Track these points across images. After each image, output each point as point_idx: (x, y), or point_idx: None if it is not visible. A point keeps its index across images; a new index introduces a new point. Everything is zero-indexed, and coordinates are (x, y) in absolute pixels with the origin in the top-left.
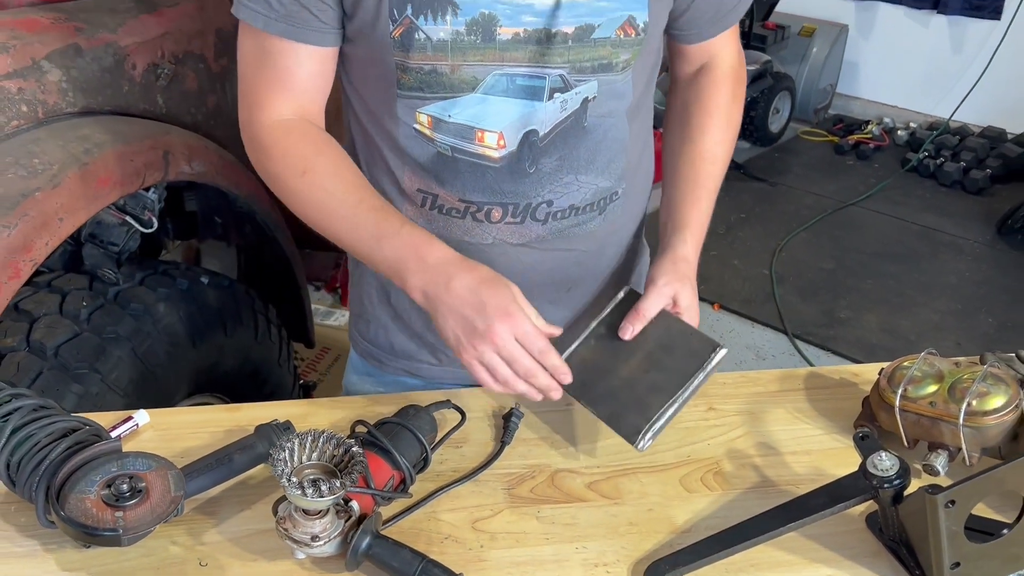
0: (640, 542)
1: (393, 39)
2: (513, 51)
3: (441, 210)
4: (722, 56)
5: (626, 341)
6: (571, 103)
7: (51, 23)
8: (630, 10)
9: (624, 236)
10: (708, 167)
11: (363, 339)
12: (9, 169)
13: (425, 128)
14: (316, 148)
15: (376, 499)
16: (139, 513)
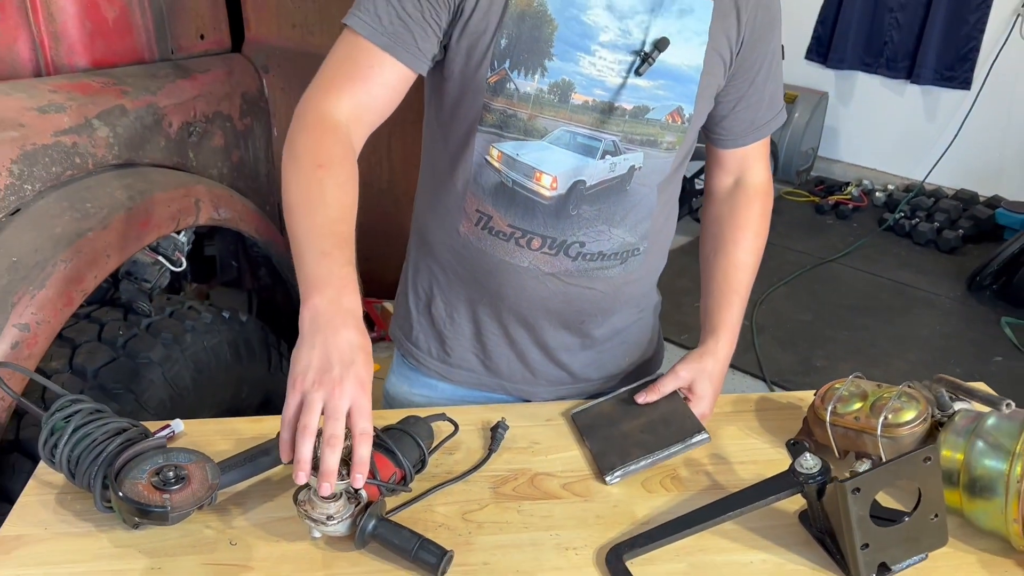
0: (605, 531)
1: (488, 83)
2: (580, 114)
3: (491, 231)
4: (754, 172)
5: (639, 406)
6: (619, 167)
7: (101, 87)
8: (680, 102)
9: (638, 287)
10: (739, 275)
11: (406, 340)
12: (66, 212)
13: (495, 161)
14: (342, 157)
15: (381, 490)
16: (183, 496)
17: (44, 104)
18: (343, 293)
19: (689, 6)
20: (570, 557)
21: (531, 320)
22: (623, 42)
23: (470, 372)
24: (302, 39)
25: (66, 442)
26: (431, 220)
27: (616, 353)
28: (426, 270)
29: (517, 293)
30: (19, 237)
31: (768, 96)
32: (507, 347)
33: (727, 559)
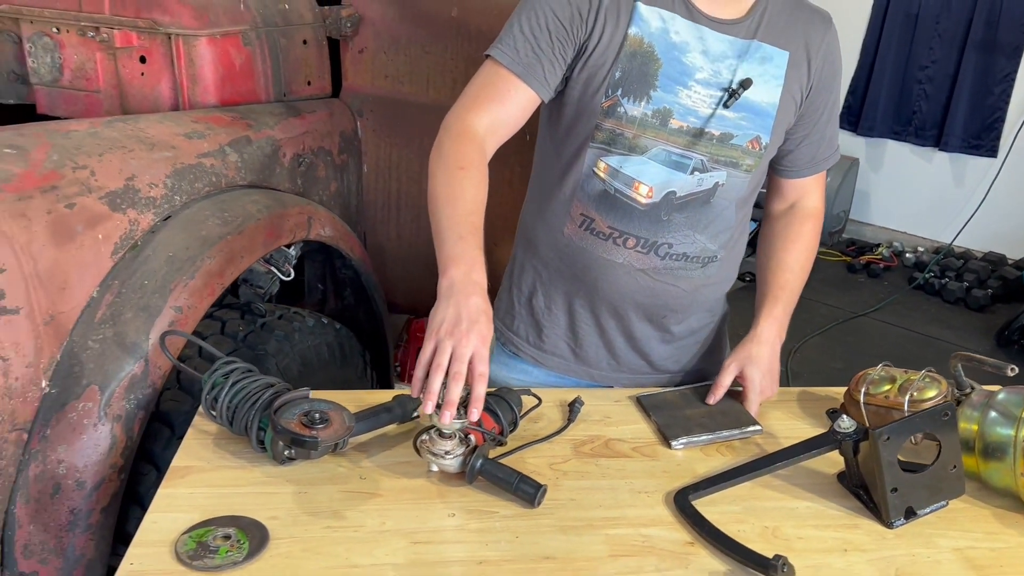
0: (671, 482)
1: (602, 107)
2: (676, 136)
3: (592, 231)
4: (810, 198)
5: (699, 398)
6: (705, 182)
7: (231, 120)
8: (759, 132)
9: (713, 292)
10: (786, 275)
11: (507, 329)
12: (209, 219)
13: (601, 172)
14: (479, 162)
15: (484, 438)
16: (327, 433)
17: (189, 131)
18: (473, 269)
19: (769, 55)
20: (643, 498)
21: (621, 311)
22: (715, 80)
23: (561, 359)
24: (393, 88)
25: (225, 394)
26: (539, 224)
27: (691, 351)
28: (531, 269)
29: (611, 286)
30: (173, 237)
31: (828, 136)
32: (597, 336)
33: (776, 505)
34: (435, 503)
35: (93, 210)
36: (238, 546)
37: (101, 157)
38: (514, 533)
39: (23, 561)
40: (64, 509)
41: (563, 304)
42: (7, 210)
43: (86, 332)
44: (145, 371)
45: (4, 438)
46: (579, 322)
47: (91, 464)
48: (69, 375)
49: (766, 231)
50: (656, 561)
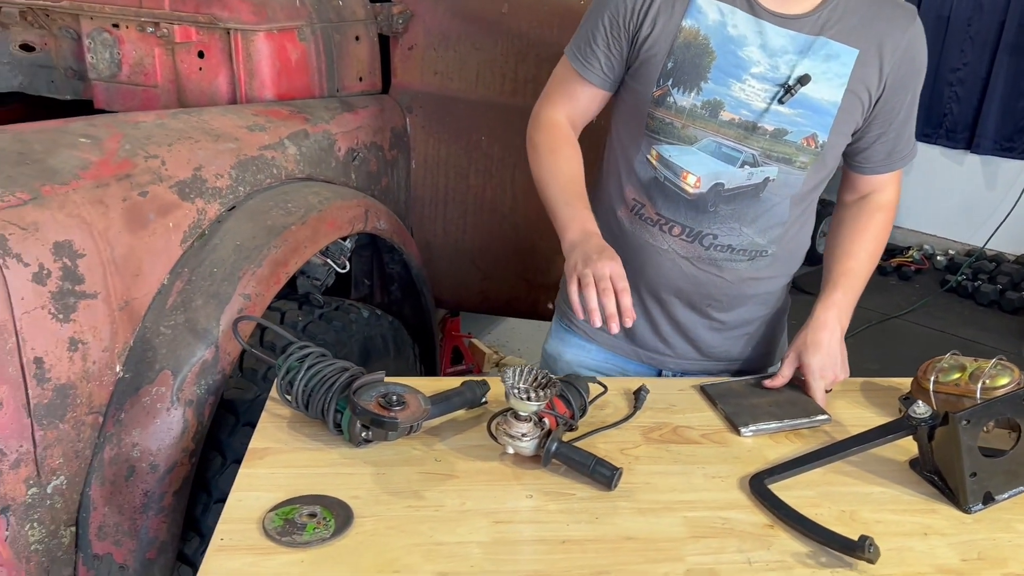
0: (744, 467)
1: (653, 97)
2: (727, 129)
3: (641, 216)
4: (885, 193)
5: (764, 387)
6: (756, 176)
7: (289, 113)
8: (815, 130)
9: (764, 286)
10: (850, 262)
11: (567, 306)
12: (272, 209)
13: (653, 160)
14: (566, 142)
15: (557, 421)
16: (405, 414)
17: (251, 124)
18: (586, 224)
19: (835, 52)
20: (717, 483)
21: (664, 296)
22: (771, 75)
23: (613, 338)
24: (442, 85)
25: (301, 377)
26: (598, 205)
27: (742, 342)
28: None
29: (655, 270)
30: (239, 227)
31: (906, 135)
32: (643, 318)
33: (851, 490)
34: (512, 484)
35: (164, 199)
36: (324, 523)
37: (170, 147)
38: (593, 514)
39: (97, 543)
40: (138, 491)
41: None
42: (87, 197)
43: (158, 318)
44: (216, 357)
45: (81, 420)
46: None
47: (164, 448)
48: (142, 360)
49: (835, 219)
50: (737, 542)
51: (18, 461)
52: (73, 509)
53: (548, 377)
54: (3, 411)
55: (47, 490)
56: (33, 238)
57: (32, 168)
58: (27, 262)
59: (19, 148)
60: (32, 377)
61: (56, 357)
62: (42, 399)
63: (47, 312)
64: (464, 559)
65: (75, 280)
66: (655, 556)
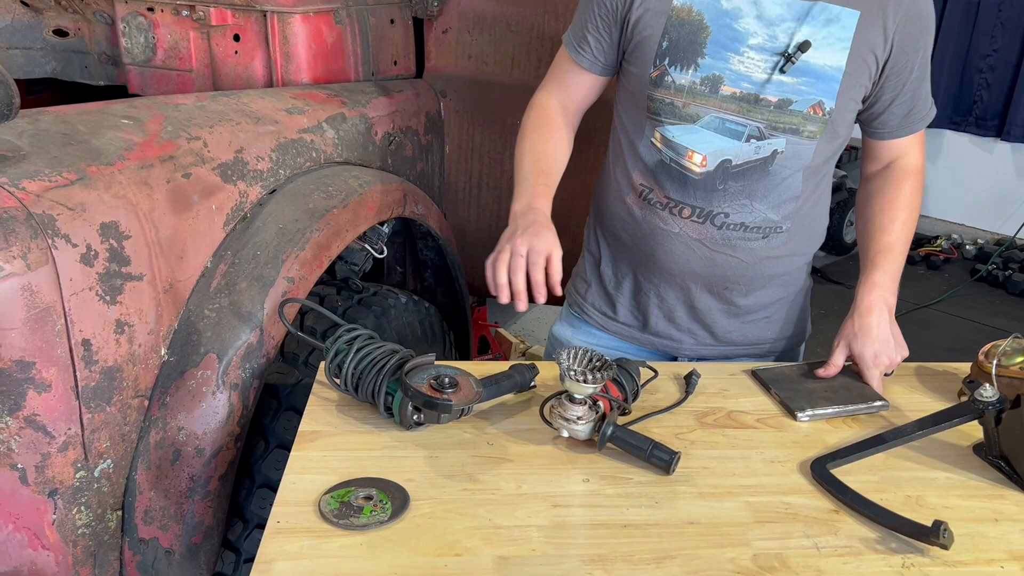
0: (803, 452)
1: (651, 78)
2: (729, 103)
3: (649, 201)
4: (908, 157)
5: (819, 375)
6: (763, 150)
7: (326, 97)
8: (821, 97)
9: (781, 265)
10: (885, 237)
11: (578, 294)
12: (314, 193)
13: (657, 142)
14: (549, 123)
15: (611, 405)
16: (459, 396)
17: (289, 107)
18: (534, 198)
19: (836, 15)
20: (777, 467)
21: (680, 281)
22: (770, 45)
23: (625, 326)
24: (476, 69)
25: (350, 360)
26: (606, 193)
27: (760, 326)
28: (601, 237)
29: (668, 256)
30: (281, 210)
31: (923, 94)
32: (657, 306)
33: (914, 475)
34: (567, 468)
35: (207, 181)
36: (381, 506)
37: (212, 129)
38: (653, 499)
39: (143, 527)
40: (184, 476)
41: (629, 274)
42: (132, 178)
43: (202, 301)
44: (260, 340)
45: (128, 404)
46: (642, 292)
47: (209, 432)
48: (187, 343)
49: (862, 195)
50: (803, 527)
51: (66, 444)
52: (119, 493)
53: (603, 360)
54: (51, 393)
55: (94, 473)
56: (81, 219)
57: (77, 149)
58: (75, 243)
59: (63, 129)
60: (80, 359)
61: (103, 339)
62: (90, 381)
63: (95, 294)
64: (525, 543)
65: (122, 262)
66: (720, 541)
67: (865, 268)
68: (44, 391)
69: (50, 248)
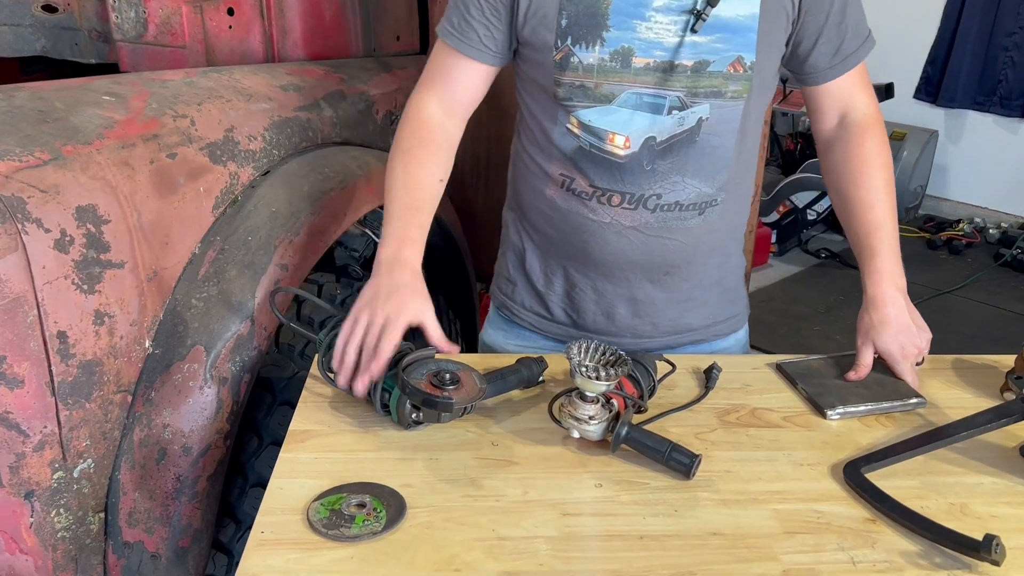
0: (834, 453)
1: (554, 61)
2: (643, 76)
3: (574, 192)
4: (857, 105)
5: (847, 366)
6: (687, 120)
7: (324, 73)
8: (740, 51)
9: (719, 239)
10: (871, 214)
11: (501, 293)
12: (310, 175)
13: (574, 128)
14: (428, 141)
15: (626, 403)
16: (460, 394)
17: (284, 83)
18: (404, 246)
19: None
20: (806, 471)
21: (618, 273)
22: (676, 4)
23: (561, 326)
24: None
25: None
26: (523, 184)
27: (702, 311)
28: (522, 232)
29: (601, 248)
30: (274, 193)
31: (850, 26)
32: (595, 302)
33: (956, 480)
34: (578, 472)
35: (194, 161)
36: (375, 515)
37: (200, 107)
38: (672, 506)
39: (128, 530)
40: (170, 476)
41: (559, 270)
42: (111, 158)
43: (189, 290)
44: (251, 331)
45: (109, 400)
46: (576, 289)
47: (197, 429)
48: (173, 335)
49: (826, 165)
50: (837, 539)
51: (42, 443)
52: (102, 494)
53: (617, 354)
54: (24, 389)
55: (74, 474)
56: (54, 202)
57: (53, 127)
58: (48, 228)
59: (39, 106)
60: (55, 353)
61: (81, 331)
62: (66, 376)
63: (70, 282)
64: (531, 556)
65: (100, 248)
66: (746, 554)
67: (863, 255)
68: (16, 387)
69: (20, 233)
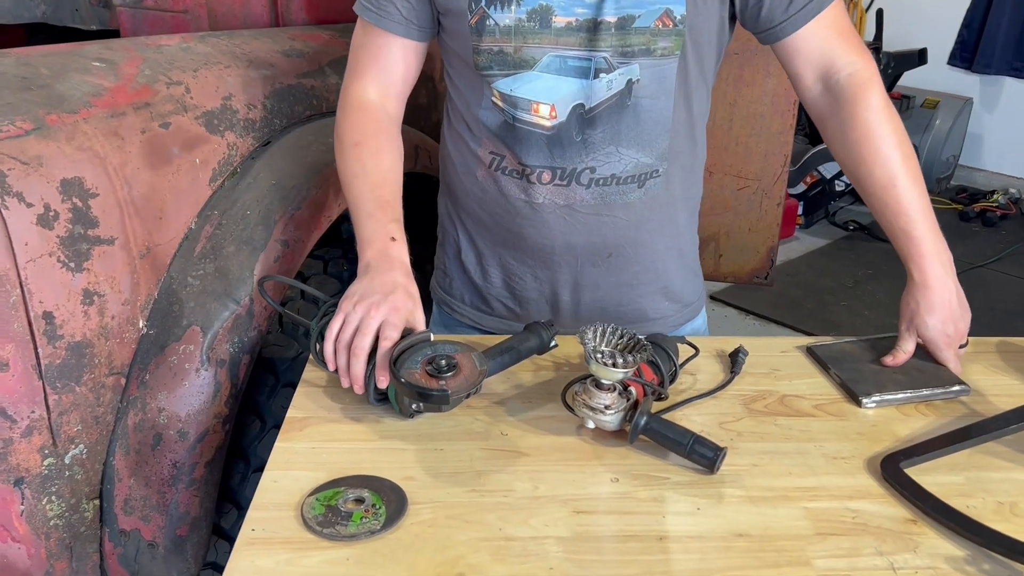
0: (870, 446)
1: (470, 26)
2: (566, 36)
3: (504, 171)
4: (837, 65)
5: (882, 350)
6: (616, 83)
7: (329, 38)
8: (668, 4)
9: (665, 215)
10: (895, 191)
11: (442, 290)
12: (312, 145)
13: (498, 101)
14: (375, 131)
15: (645, 390)
16: (458, 381)
17: (287, 49)
18: (388, 245)
19: None
20: (840, 465)
21: (557, 258)
22: None
23: (502, 319)
24: None
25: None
26: (452, 169)
27: (656, 298)
28: (455, 221)
29: (538, 231)
30: (275, 164)
31: None
32: (536, 291)
33: (1005, 476)
34: (592, 465)
35: (189, 131)
36: (373, 511)
37: (196, 73)
38: (694, 504)
39: (124, 517)
40: (166, 462)
41: (494, 259)
42: (99, 128)
43: (185, 267)
44: (250, 311)
45: (101, 383)
46: (515, 278)
47: (194, 413)
48: (168, 314)
49: (830, 140)
50: (874, 542)
51: (30, 428)
52: (96, 481)
53: (636, 338)
54: (9, 373)
55: (65, 460)
56: (37, 174)
57: (37, 94)
58: (30, 202)
59: (23, 72)
60: (41, 334)
61: (69, 311)
62: (54, 359)
63: (56, 260)
64: (541, 559)
65: (88, 223)
66: (775, 558)
67: (899, 239)
68: (0, 370)
69: (0, 208)
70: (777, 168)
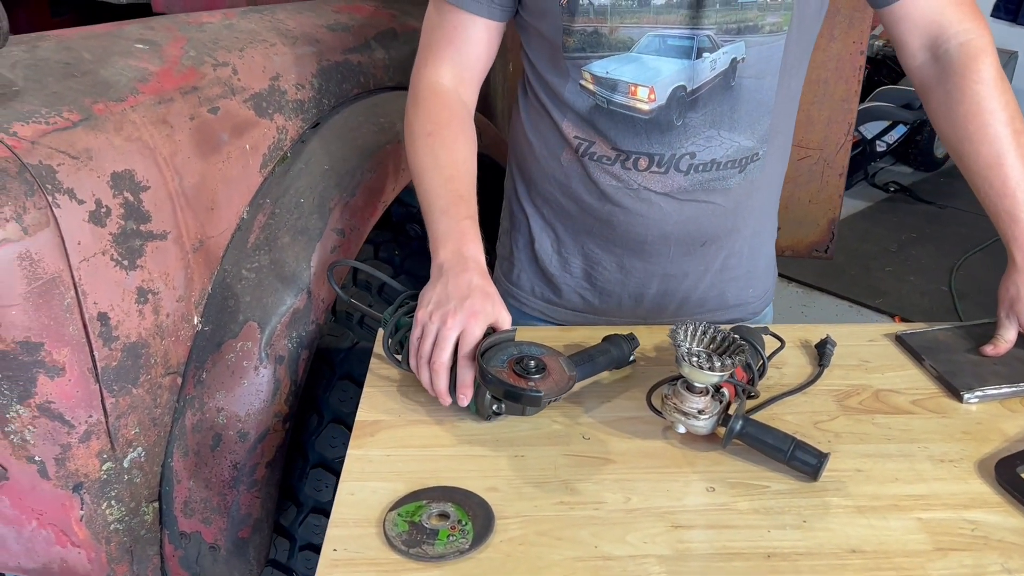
0: (979, 447)
1: (561, 6)
2: (666, 14)
3: (593, 157)
4: (950, 32)
5: (978, 339)
6: (720, 63)
7: (375, 9)
8: None
9: (760, 200)
10: (1003, 170)
11: (507, 281)
12: (363, 125)
13: (588, 84)
14: (448, 119)
15: (736, 390)
16: (548, 384)
17: (331, 22)
18: (463, 244)
19: None
20: (949, 469)
21: (649, 249)
22: None
23: (575, 312)
24: None
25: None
26: (530, 152)
27: (737, 284)
28: (530, 207)
29: (631, 220)
30: (327, 147)
31: None
32: (620, 283)
33: None
34: (685, 473)
35: (238, 115)
36: (460, 528)
37: (242, 52)
38: (799, 515)
39: (184, 520)
40: (226, 463)
41: (576, 248)
42: (148, 115)
43: (239, 260)
44: (308, 304)
45: (158, 383)
46: (598, 267)
47: (253, 413)
48: (223, 310)
49: (929, 113)
50: (999, 558)
51: (88, 433)
52: (154, 483)
53: (730, 338)
54: (65, 377)
55: (123, 464)
56: (87, 169)
57: (81, 82)
58: (82, 199)
59: (65, 58)
60: (97, 336)
61: (123, 311)
62: (110, 361)
63: (109, 258)
64: None
65: (140, 218)
66: None
67: (1000, 220)
68: (57, 375)
69: (51, 206)
70: (840, 137)
